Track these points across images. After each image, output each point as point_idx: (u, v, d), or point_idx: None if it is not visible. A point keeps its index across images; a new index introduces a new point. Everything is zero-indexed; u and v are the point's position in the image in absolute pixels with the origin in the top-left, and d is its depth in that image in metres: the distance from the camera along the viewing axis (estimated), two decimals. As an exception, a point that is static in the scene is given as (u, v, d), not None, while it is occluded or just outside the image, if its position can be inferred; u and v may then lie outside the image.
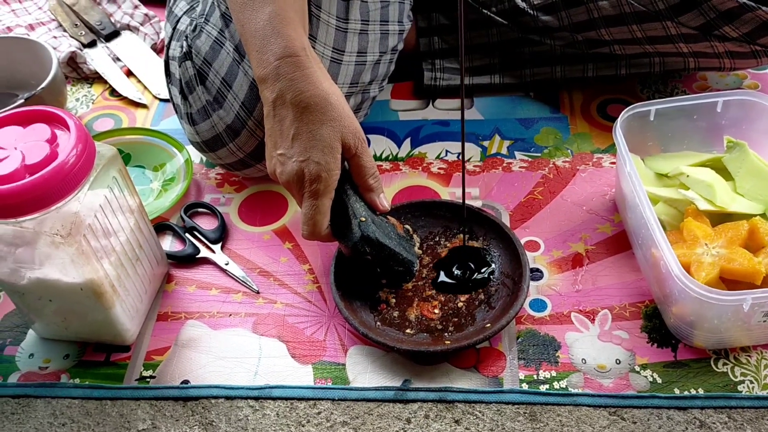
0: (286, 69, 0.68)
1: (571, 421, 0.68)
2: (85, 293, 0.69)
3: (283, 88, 0.68)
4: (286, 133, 0.69)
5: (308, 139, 0.68)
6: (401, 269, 0.75)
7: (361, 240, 0.72)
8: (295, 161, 0.69)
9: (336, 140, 0.69)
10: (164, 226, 0.88)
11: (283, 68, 0.68)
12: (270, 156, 0.72)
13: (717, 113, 0.81)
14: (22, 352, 0.77)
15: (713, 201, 0.75)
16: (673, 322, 0.72)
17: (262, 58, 0.69)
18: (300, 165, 0.68)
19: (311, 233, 0.72)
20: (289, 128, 0.69)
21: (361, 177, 0.73)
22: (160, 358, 0.75)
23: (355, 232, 0.72)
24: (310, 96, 0.68)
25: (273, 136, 0.70)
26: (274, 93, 0.68)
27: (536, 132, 0.97)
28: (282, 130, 0.69)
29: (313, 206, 0.70)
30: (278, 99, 0.68)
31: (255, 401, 0.71)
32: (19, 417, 0.72)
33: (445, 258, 0.80)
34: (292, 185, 0.70)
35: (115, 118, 1.06)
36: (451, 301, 0.77)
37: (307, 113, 0.68)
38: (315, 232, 0.71)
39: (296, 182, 0.69)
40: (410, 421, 0.69)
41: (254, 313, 0.79)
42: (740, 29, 0.84)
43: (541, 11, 0.94)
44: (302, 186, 0.69)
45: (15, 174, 0.61)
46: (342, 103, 0.70)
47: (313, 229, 0.71)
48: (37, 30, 1.17)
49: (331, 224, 0.72)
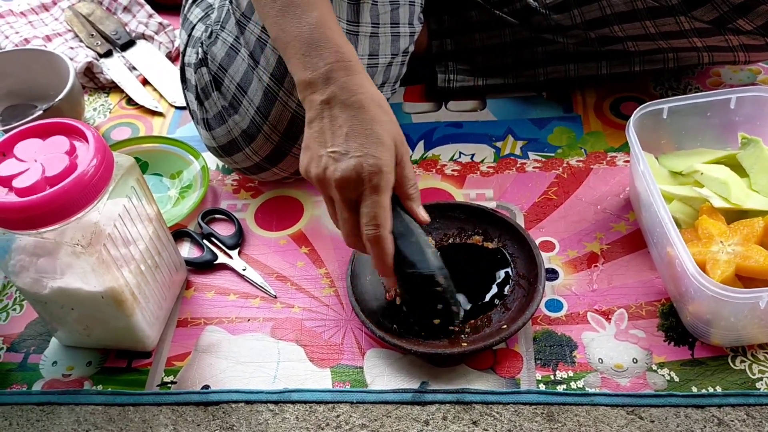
0: (339, 73, 0.67)
1: (589, 421, 0.68)
2: (106, 301, 0.70)
3: (336, 90, 0.67)
4: (339, 131, 0.67)
5: (365, 135, 0.66)
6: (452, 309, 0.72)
7: (440, 270, 0.68)
8: (352, 157, 0.65)
9: (391, 140, 0.67)
10: (182, 233, 0.89)
11: (335, 72, 0.67)
12: (315, 156, 0.68)
13: (731, 110, 0.81)
14: (45, 360, 0.78)
15: (728, 198, 0.75)
16: (689, 321, 0.72)
17: (309, 62, 0.68)
18: (358, 160, 0.65)
19: (376, 237, 0.66)
20: (343, 126, 0.66)
21: (403, 187, 0.70)
22: (180, 363, 0.76)
23: (431, 260, 0.68)
24: (365, 98, 0.67)
25: (322, 136, 0.67)
26: (324, 95, 0.67)
27: (549, 132, 0.97)
28: (334, 128, 0.67)
29: (375, 203, 0.65)
30: (330, 100, 0.67)
31: (274, 405, 0.72)
32: (44, 424, 0.73)
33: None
34: (349, 183, 0.65)
35: (132, 126, 1.07)
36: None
37: (363, 112, 0.66)
38: (380, 237, 0.66)
39: (354, 178, 0.65)
40: (428, 423, 0.69)
41: (272, 318, 0.80)
42: (754, 22, 0.84)
43: (553, 10, 0.94)
44: (360, 182, 0.65)
45: (36, 186, 0.63)
46: (391, 110, 0.69)
47: (377, 231, 0.66)
48: (54, 41, 1.19)
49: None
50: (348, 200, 0.67)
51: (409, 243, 0.69)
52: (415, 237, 0.69)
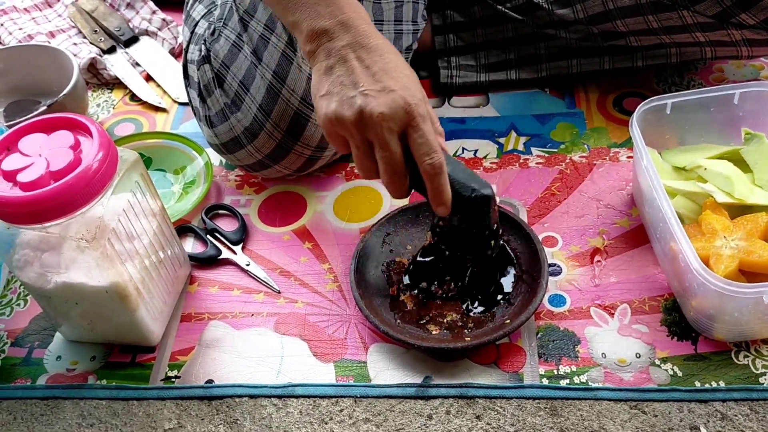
0: (357, 22, 0.66)
1: (592, 416, 0.68)
2: (110, 296, 0.70)
3: (356, 35, 0.66)
4: (367, 71, 0.65)
5: (396, 72, 0.65)
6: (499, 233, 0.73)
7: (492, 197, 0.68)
8: (391, 91, 0.64)
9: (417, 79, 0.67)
10: (186, 228, 0.89)
11: (353, 20, 0.66)
12: (346, 98, 0.65)
13: (734, 105, 0.81)
14: (49, 354, 0.79)
15: (731, 193, 0.75)
16: (692, 316, 0.72)
17: (324, 11, 0.66)
18: (399, 93, 0.63)
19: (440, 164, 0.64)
20: (372, 66, 0.65)
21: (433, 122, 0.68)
22: (184, 358, 0.77)
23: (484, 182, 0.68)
24: (385, 43, 0.66)
25: (350, 77, 0.65)
26: (345, 40, 0.65)
27: (552, 127, 0.97)
28: (361, 69, 0.65)
29: (429, 131, 0.64)
30: (352, 44, 0.65)
31: (278, 399, 0.72)
32: (48, 418, 0.73)
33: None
34: (395, 115, 0.63)
35: (136, 122, 1.07)
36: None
37: (388, 54, 0.66)
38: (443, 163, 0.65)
39: (401, 110, 0.63)
40: (432, 417, 0.69)
41: (276, 313, 0.80)
42: (758, 16, 0.84)
43: (556, 5, 0.94)
44: (407, 114, 0.63)
45: (40, 181, 0.63)
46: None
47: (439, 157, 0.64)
48: (57, 37, 1.19)
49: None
50: (391, 135, 0.64)
51: (461, 170, 0.68)
52: (462, 165, 0.69)
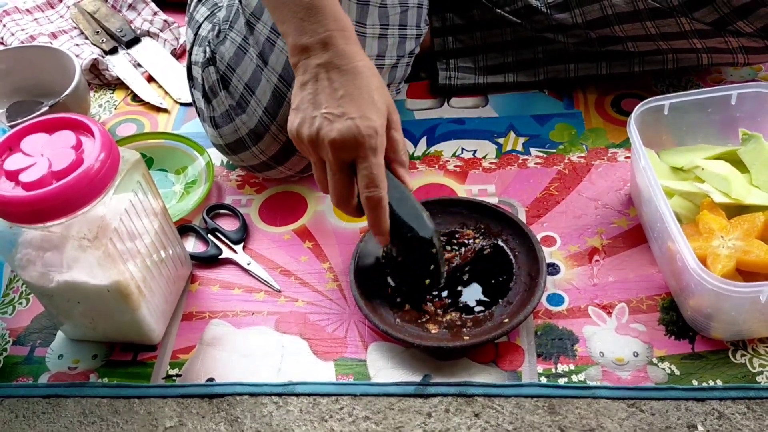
0: (337, 41, 0.68)
1: (590, 414, 0.69)
2: (111, 295, 0.71)
3: (333, 56, 0.68)
4: (334, 94, 0.67)
5: (361, 99, 0.67)
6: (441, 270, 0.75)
7: (435, 233, 0.71)
8: (348, 118, 0.66)
9: (384, 106, 0.68)
10: (187, 227, 0.90)
11: (334, 39, 0.68)
12: (308, 117, 0.68)
13: (732, 106, 0.81)
14: (51, 353, 0.79)
15: (729, 194, 0.75)
16: (690, 315, 0.73)
17: (307, 27, 0.68)
18: (355, 122, 0.66)
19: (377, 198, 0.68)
20: (339, 89, 0.67)
21: (396, 152, 0.72)
22: (185, 356, 0.77)
23: (427, 224, 0.71)
24: (361, 65, 0.68)
25: (316, 98, 0.68)
26: (321, 59, 0.68)
27: (551, 128, 0.97)
28: (330, 91, 0.68)
29: (374, 164, 0.67)
30: (327, 64, 0.68)
31: (279, 397, 0.73)
32: (50, 416, 0.74)
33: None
34: (345, 143, 0.66)
35: (138, 123, 1.08)
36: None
37: (359, 78, 0.68)
38: (381, 198, 0.68)
39: (351, 140, 0.66)
40: (431, 416, 0.70)
41: (276, 312, 0.80)
42: (754, 24, 0.85)
43: (555, 9, 0.95)
44: (357, 144, 0.66)
45: (42, 180, 0.63)
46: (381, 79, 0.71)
47: (377, 192, 0.67)
48: (59, 38, 1.20)
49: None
50: (340, 161, 0.68)
51: (406, 207, 0.71)
52: (411, 201, 0.71)
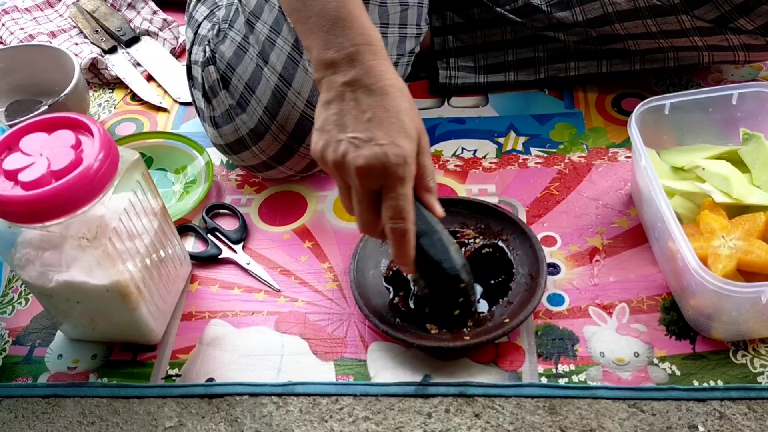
0: (365, 56, 0.63)
1: (591, 414, 0.69)
2: (111, 295, 0.70)
3: (360, 74, 0.63)
4: (361, 116, 0.63)
5: (390, 123, 0.62)
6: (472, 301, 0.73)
7: (464, 268, 0.68)
8: (376, 144, 0.61)
9: (414, 131, 0.64)
10: (187, 227, 0.90)
11: (361, 55, 0.63)
12: (333, 141, 0.64)
13: (732, 105, 0.81)
14: (51, 353, 0.79)
15: (729, 193, 0.75)
16: (691, 315, 0.73)
17: (333, 40, 0.64)
18: (383, 148, 0.61)
19: (402, 231, 0.64)
20: (366, 111, 0.63)
21: (423, 178, 0.67)
22: (185, 356, 0.77)
23: (455, 257, 0.68)
24: (390, 84, 0.64)
25: (342, 119, 0.64)
26: (348, 77, 0.63)
27: (551, 128, 0.97)
28: (356, 113, 0.63)
29: (401, 195, 0.63)
30: (353, 83, 0.63)
31: (278, 398, 0.73)
32: (50, 416, 0.74)
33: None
34: (372, 171, 0.62)
35: (137, 122, 1.08)
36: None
37: (388, 99, 0.63)
38: (407, 230, 0.64)
39: (378, 168, 0.62)
40: (431, 416, 0.70)
41: (276, 312, 0.80)
42: (756, 21, 0.84)
43: (555, 7, 0.95)
44: (384, 173, 0.62)
45: (41, 180, 0.63)
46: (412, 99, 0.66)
47: (403, 225, 0.64)
48: (59, 37, 1.20)
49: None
50: (367, 188, 0.64)
51: (433, 241, 0.67)
52: (438, 234, 0.68)
